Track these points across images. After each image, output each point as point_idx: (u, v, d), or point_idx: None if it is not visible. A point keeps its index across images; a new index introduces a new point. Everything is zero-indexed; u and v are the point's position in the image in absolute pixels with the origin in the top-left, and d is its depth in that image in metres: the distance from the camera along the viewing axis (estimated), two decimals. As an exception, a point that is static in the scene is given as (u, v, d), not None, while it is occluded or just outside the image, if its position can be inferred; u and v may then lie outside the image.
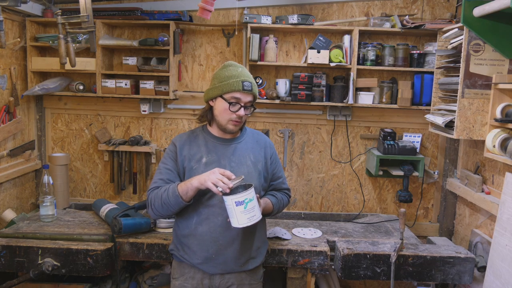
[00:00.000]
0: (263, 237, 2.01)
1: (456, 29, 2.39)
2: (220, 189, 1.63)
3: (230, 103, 1.77)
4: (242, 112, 1.79)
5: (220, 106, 1.81)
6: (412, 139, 2.99)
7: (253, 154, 1.91)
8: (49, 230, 2.44)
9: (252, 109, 1.84)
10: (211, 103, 1.86)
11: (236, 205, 1.63)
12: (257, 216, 1.67)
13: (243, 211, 1.64)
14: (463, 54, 2.26)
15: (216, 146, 1.87)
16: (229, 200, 1.64)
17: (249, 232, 1.86)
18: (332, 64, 2.78)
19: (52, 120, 3.18)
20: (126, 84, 2.89)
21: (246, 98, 1.79)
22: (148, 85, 2.90)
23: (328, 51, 2.77)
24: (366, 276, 2.21)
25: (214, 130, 1.90)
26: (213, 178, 1.64)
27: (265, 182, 1.94)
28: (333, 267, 2.33)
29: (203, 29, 3.03)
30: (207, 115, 1.89)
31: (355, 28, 2.78)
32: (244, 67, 1.86)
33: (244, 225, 1.66)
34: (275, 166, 2.00)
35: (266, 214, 1.93)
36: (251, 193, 1.64)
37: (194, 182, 1.70)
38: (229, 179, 1.65)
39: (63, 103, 3.15)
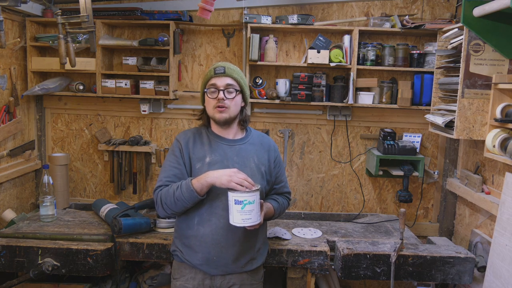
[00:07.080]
0: (264, 238, 2.02)
1: (456, 29, 2.39)
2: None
3: (207, 91, 1.82)
4: (221, 95, 1.80)
5: (206, 100, 1.86)
6: (412, 139, 2.99)
7: (257, 156, 1.91)
8: (49, 230, 2.43)
9: (236, 92, 1.83)
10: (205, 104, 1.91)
11: (235, 203, 1.66)
12: (253, 220, 1.67)
13: (240, 211, 1.65)
14: (463, 54, 2.26)
15: (220, 146, 1.87)
16: (230, 196, 1.67)
17: (251, 233, 1.85)
18: (332, 64, 2.78)
19: (52, 120, 3.18)
20: (126, 84, 2.89)
21: (222, 82, 1.81)
22: (148, 85, 2.90)
23: (328, 51, 2.77)
24: (366, 276, 2.21)
25: (215, 128, 1.92)
26: (236, 179, 1.67)
27: (267, 185, 1.93)
28: (333, 267, 2.33)
29: (203, 29, 3.03)
30: (203, 116, 1.94)
31: (355, 28, 2.78)
32: (226, 62, 1.90)
33: (237, 225, 1.68)
34: (278, 169, 2.00)
35: (267, 218, 1.93)
36: (252, 197, 1.65)
37: (208, 179, 1.72)
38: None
39: (63, 103, 3.15)
